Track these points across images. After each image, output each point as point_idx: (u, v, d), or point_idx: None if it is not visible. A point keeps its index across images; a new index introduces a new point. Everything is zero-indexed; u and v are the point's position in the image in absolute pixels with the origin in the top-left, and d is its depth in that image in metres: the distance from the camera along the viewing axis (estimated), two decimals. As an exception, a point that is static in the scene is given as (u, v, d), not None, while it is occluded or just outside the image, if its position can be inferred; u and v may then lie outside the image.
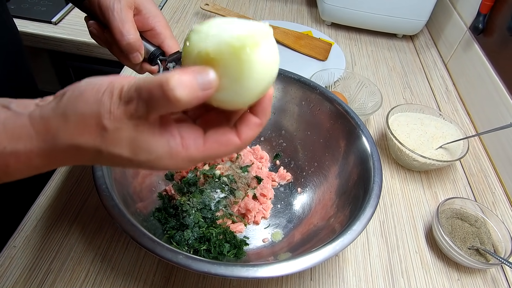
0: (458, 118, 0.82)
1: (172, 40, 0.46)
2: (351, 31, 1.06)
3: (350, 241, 0.42)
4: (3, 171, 0.27)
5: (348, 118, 0.57)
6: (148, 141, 0.26)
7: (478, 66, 0.83)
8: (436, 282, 0.54)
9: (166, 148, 0.27)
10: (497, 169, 0.71)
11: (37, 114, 0.27)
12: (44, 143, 0.27)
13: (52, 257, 0.50)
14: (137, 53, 0.43)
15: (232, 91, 0.27)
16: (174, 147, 0.27)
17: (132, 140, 0.26)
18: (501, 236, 0.56)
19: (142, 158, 0.27)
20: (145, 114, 0.25)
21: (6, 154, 0.26)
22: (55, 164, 0.28)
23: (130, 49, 0.42)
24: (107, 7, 0.41)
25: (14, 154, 0.27)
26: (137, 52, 0.43)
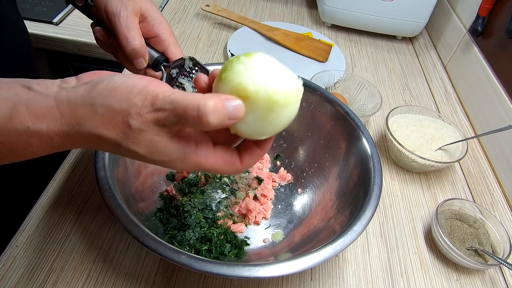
0: (457, 120, 0.83)
1: (176, 47, 0.46)
2: (351, 33, 1.06)
3: (351, 241, 0.42)
4: (26, 149, 0.29)
5: (349, 120, 0.57)
6: (167, 146, 0.29)
7: (477, 68, 0.83)
8: (435, 282, 0.54)
9: (181, 154, 0.30)
10: (496, 170, 0.72)
11: (64, 98, 0.28)
12: (68, 127, 0.28)
13: (54, 256, 0.50)
14: (141, 59, 0.44)
15: (251, 127, 0.30)
16: (188, 154, 0.30)
17: (152, 142, 0.28)
18: (500, 237, 0.56)
19: (156, 158, 0.30)
20: (172, 125, 0.28)
21: (29, 133, 0.28)
22: (74, 146, 0.30)
23: (135, 55, 0.43)
24: (114, 14, 0.42)
25: (37, 133, 0.28)
26: (141, 58, 0.44)
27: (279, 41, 0.95)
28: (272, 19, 1.07)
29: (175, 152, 0.29)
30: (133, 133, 0.28)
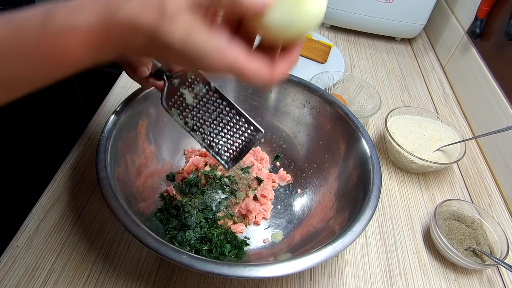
0: (456, 121, 0.84)
1: None
2: (350, 34, 1.07)
3: (350, 242, 0.43)
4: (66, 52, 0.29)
5: (348, 121, 0.58)
6: (202, 35, 0.29)
7: (475, 70, 0.84)
8: (434, 282, 0.55)
9: (217, 47, 0.29)
10: (494, 171, 0.72)
11: None
12: (103, 18, 0.28)
13: (54, 257, 0.50)
14: (144, 68, 0.44)
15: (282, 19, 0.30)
16: (224, 48, 0.30)
17: (187, 32, 0.28)
18: (497, 238, 0.57)
19: (190, 51, 0.29)
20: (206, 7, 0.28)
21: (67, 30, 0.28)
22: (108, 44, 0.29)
23: (139, 63, 0.44)
24: None
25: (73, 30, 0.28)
26: (145, 66, 0.44)
27: (278, 42, 0.95)
28: (271, 20, 1.07)
29: (210, 43, 0.29)
30: (168, 20, 0.27)
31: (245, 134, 0.46)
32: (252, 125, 0.46)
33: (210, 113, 0.46)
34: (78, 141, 0.65)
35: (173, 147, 0.63)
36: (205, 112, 0.46)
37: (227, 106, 0.46)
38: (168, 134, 0.61)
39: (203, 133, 0.47)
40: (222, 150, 0.47)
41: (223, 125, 0.46)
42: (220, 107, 0.46)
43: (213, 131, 0.47)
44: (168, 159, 0.62)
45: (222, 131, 0.47)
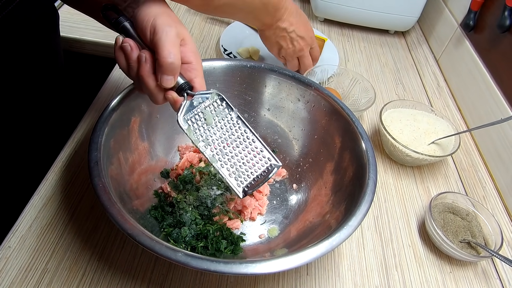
0: (450, 114, 0.84)
1: (203, 81, 0.46)
2: (344, 27, 1.06)
3: (347, 236, 0.42)
4: None
5: (343, 115, 0.57)
6: None
7: (469, 62, 0.84)
8: (429, 275, 0.55)
9: None
10: (488, 164, 0.73)
11: None
12: None
13: (48, 256, 0.49)
14: (172, 77, 0.43)
15: None
16: None
17: None
18: (492, 230, 0.57)
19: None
20: None
21: None
22: None
23: (171, 70, 0.42)
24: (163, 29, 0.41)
25: None
26: (173, 76, 0.43)
27: (272, 36, 0.94)
28: (264, 13, 1.06)
29: None
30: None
31: (262, 164, 0.46)
32: (271, 156, 0.46)
33: (229, 137, 0.46)
34: (70, 139, 0.64)
35: (166, 144, 0.62)
36: (224, 135, 0.45)
37: (248, 134, 0.46)
38: (162, 131, 0.60)
39: (219, 156, 0.45)
40: (238, 176, 0.46)
41: (241, 152, 0.46)
42: (242, 134, 0.46)
43: (230, 155, 0.46)
44: (162, 155, 0.61)
45: (240, 158, 0.46)
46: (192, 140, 0.45)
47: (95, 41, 0.86)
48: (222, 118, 0.46)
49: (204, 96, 0.45)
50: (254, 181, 0.46)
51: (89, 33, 0.87)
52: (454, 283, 0.55)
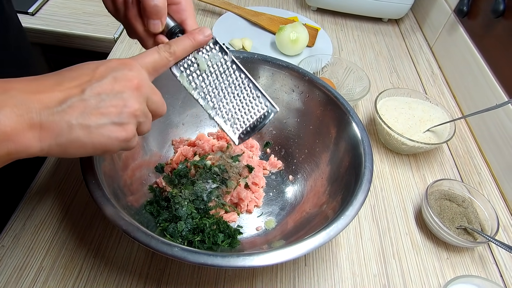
0: (445, 101, 0.84)
1: (194, 22, 0.43)
2: (337, 16, 1.05)
3: (344, 226, 0.42)
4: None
5: (338, 104, 0.57)
6: None
7: (463, 49, 0.84)
8: (427, 262, 0.55)
9: None
10: (483, 150, 0.73)
11: None
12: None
13: (43, 254, 0.49)
14: (158, 21, 0.41)
15: None
16: None
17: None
18: (488, 215, 0.58)
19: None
20: None
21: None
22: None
23: (156, 13, 0.40)
24: None
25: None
26: (159, 19, 0.41)
27: (264, 26, 0.93)
28: (257, 3, 1.05)
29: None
30: None
31: (259, 110, 0.44)
32: (268, 101, 0.44)
33: (224, 83, 0.44)
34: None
35: (160, 138, 0.61)
36: (218, 81, 0.44)
37: (244, 79, 0.44)
38: (155, 125, 0.59)
39: (213, 103, 0.44)
40: (233, 123, 0.45)
41: (236, 97, 0.44)
42: (236, 78, 0.44)
43: (225, 101, 0.44)
44: (156, 150, 0.60)
45: (235, 103, 0.44)
46: (185, 87, 0.43)
47: (84, 35, 0.84)
48: (216, 62, 0.43)
49: None
50: (250, 127, 0.45)
51: (79, 26, 0.85)
52: (452, 269, 0.55)
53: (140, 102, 0.34)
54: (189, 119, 0.65)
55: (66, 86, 0.31)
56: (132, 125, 0.34)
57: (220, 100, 0.44)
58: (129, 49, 0.83)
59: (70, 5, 0.91)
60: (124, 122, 0.33)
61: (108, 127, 0.32)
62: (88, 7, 0.91)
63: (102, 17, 0.88)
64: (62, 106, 0.30)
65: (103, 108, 0.32)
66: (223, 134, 0.65)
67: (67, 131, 0.30)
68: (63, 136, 0.30)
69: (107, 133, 0.32)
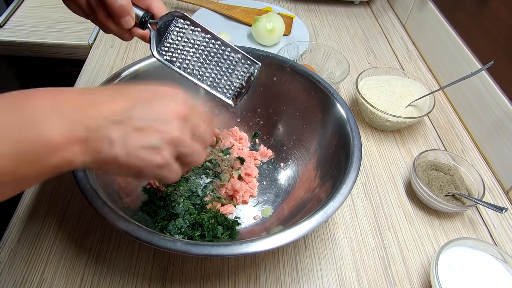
0: (422, 76, 0.86)
1: (159, 2, 0.44)
2: (310, 3, 1.06)
3: (340, 204, 0.43)
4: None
5: (321, 88, 0.58)
6: None
7: (434, 23, 0.86)
8: (420, 230, 0.57)
9: None
10: (462, 118, 0.76)
11: None
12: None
13: (42, 266, 0.48)
14: (129, 17, 0.42)
15: None
16: None
17: None
18: (473, 180, 0.60)
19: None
20: None
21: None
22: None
23: (123, 12, 0.41)
24: None
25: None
26: (128, 15, 0.41)
27: (239, 19, 0.93)
28: (229, -3, 1.04)
29: None
30: None
31: (243, 70, 0.46)
32: (248, 59, 0.46)
33: (204, 54, 0.45)
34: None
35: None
36: (199, 54, 0.45)
37: (221, 45, 0.45)
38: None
39: (201, 76, 0.46)
40: (224, 89, 0.47)
41: (220, 64, 0.46)
42: (214, 46, 0.45)
43: (211, 71, 0.46)
44: (146, 151, 0.60)
45: (220, 70, 0.46)
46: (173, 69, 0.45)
47: (57, 43, 0.82)
48: (191, 36, 0.45)
49: (168, 19, 0.44)
50: (240, 88, 0.47)
51: (51, 35, 0.83)
52: (444, 235, 0.57)
53: (184, 131, 0.33)
54: (175, 117, 0.64)
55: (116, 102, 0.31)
56: (169, 153, 0.33)
57: (205, 71, 0.46)
58: (105, 54, 0.82)
59: (39, 14, 0.89)
60: (160, 147, 0.32)
61: (146, 151, 0.32)
62: (57, 14, 0.89)
63: (74, 24, 0.87)
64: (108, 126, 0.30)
65: (145, 130, 0.31)
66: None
67: (108, 148, 0.30)
68: (102, 152, 0.30)
69: (144, 156, 0.32)
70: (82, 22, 0.45)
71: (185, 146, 0.34)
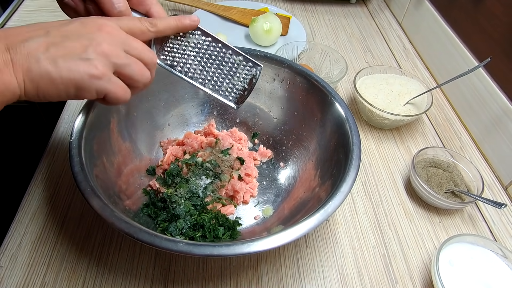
0: (419, 73, 0.86)
1: (158, 6, 0.44)
2: (306, 3, 1.06)
3: (340, 202, 0.44)
4: None
5: (319, 87, 0.58)
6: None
7: (430, 21, 0.86)
8: (420, 227, 0.58)
9: None
10: (460, 115, 0.76)
11: None
12: None
13: (44, 270, 0.48)
14: None
15: None
16: None
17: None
18: (472, 176, 0.60)
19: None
20: None
21: None
22: None
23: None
24: None
25: None
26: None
27: (236, 20, 0.93)
28: (226, -2, 1.05)
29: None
30: None
31: (245, 72, 0.46)
32: (250, 61, 0.46)
33: (205, 57, 0.45)
34: (46, 149, 0.61)
35: (148, 141, 0.61)
36: (200, 57, 0.45)
37: (222, 47, 0.45)
38: (141, 128, 0.59)
39: (203, 79, 0.46)
40: (227, 92, 0.47)
41: (221, 67, 0.46)
42: (215, 49, 0.45)
43: (213, 75, 0.46)
44: (146, 153, 0.60)
45: (222, 73, 0.46)
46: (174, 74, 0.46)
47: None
48: (192, 40, 0.45)
49: None
50: (242, 90, 0.47)
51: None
52: (445, 231, 0.57)
53: (112, 44, 0.34)
54: (175, 119, 0.65)
55: (33, 29, 0.33)
56: (102, 63, 0.34)
57: (208, 74, 0.46)
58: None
59: (36, 19, 0.89)
60: (91, 58, 0.33)
61: (75, 62, 0.32)
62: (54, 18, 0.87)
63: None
64: (28, 43, 0.31)
65: (68, 44, 0.33)
66: (210, 130, 0.65)
67: (36, 65, 0.31)
68: (32, 70, 0.31)
69: (75, 68, 0.32)
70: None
71: (118, 57, 0.35)
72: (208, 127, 0.65)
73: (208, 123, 0.66)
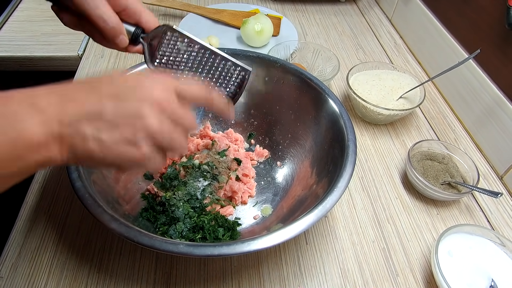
0: (411, 68, 0.87)
1: (148, 15, 0.44)
2: (296, 3, 1.07)
3: (338, 198, 0.44)
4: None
5: (313, 85, 0.59)
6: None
7: (420, 16, 0.87)
8: (419, 220, 0.58)
9: None
10: (453, 107, 0.77)
11: None
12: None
13: (45, 279, 0.48)
14: (122, 36, 0.42)
15: None
16: None
17: None
18: (467, 167, 0.61)
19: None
20: None
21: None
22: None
23: (115, 34, 0.41)
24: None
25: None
26: (122, 35, 0.42)
27: (228, 22, 0.94)
28: (217, 1, 1.05)
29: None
30: None
31: (234, 76, 0.47)
32: (238, 66, 0.46)
33: (196, 63, 0.46)
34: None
35: (144, 145, 0.61)
36: (191, 63, 0.46)
37: (211, 54, 0.46)
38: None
39: None
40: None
41: (212, 72, 0.47)
42: (205, 56, 0.46)
43: (204, 80, 0.47)
44: (142, 158, 0.60)
45: (213, 78, 0.47)
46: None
47: (47, 56, 0.82)
48: (182, 47, 0.45)
49: (158, 32, 0.45)
50: (233, 94, 0.48)
51: (40, 48, 0.83)
52: (443, 222, 0.58)
53: (161, 120, 0.32)
54: (170, 123, 0.65)
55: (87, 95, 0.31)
56: (147, 145, 0.32)
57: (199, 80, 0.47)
58: (95, 64, 0.82)
59: (27, 28, 0.89)
60: (138, 142, 0.31)
61: (121, 146, 0.31)
62: (45, 28, 0.89)
63: (63, 36, 0.86)
64: (80, 120, 0.30)
65: (120, 125, 0.31)
66: (206, 132, 0.65)
67: (81, 143, 0.30)
68: (77, 148, 0.30)
69: (119, 151, 0.31)
70: (71, 33, 0.45)
71: (164, 137, 0.33)
72: (204, 129, 0.65)
73: (203, 126, 0.66)
